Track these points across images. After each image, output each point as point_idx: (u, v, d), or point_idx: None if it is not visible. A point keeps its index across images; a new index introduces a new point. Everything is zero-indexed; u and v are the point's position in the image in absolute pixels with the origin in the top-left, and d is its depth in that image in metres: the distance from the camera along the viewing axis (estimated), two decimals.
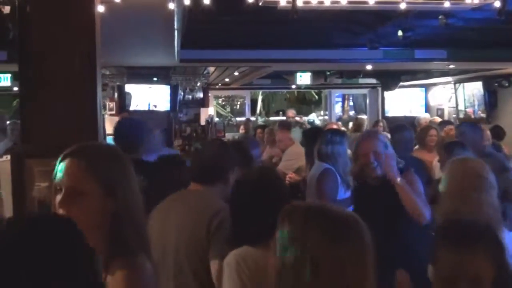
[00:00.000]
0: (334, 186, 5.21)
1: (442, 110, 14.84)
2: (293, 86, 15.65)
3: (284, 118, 19.61)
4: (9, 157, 4.03)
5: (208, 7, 4.96)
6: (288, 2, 4.79)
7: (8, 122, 12.88)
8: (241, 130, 14.98)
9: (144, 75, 12.74)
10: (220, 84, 16.14)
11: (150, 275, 1.93)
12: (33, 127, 3.83)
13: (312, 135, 6.56)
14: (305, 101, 25.36)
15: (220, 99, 22.73)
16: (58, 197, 2.01)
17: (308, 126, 12.55)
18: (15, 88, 14.81)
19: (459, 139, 5.99)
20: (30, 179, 3.71)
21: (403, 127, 6.50)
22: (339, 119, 17.98)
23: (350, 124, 14.84)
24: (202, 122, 14.13)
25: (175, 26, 6.51)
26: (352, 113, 19.24)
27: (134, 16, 5.83)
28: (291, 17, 4.73)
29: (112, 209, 1.95)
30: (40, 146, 3.71)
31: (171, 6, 4.71)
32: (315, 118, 20.83)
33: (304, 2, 4.87)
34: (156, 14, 5.69)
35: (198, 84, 14.11)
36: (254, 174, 3.05)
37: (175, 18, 5.91)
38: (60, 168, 2.06)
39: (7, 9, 4.62)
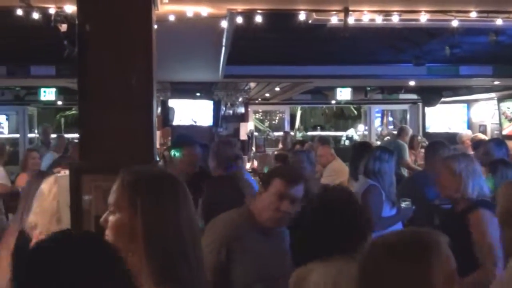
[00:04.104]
0: (379, 203, 5.20)
1: (485, 126, 14.63)
2: (333, 102, 15.64)
3: (322, 133, 19.59)
4: (67, 172, 4.12)
5: (258, 25, 5.03)
6: (339, 20, 4.83)
7: (52, 136, 13.18)
8: (280, 145, 15.00)
9: (187, 90, 12.89)
10: (260, 99, 16.23)
11: None
12: (90, 143, 3.91)
13: (361, 149, 6.57)
14: (343, 116, 25.28)
15: (258, 114, 22.84)
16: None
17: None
18: (59, 102, 15.14)
19: (485, 156, 5.99)
20: (87, 195, 3.79)
21: (441, 144, 6.43)
22: (380, 134, 17.89)
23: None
24: (242, 136, 14.20)
25: (223, 43, 6.61)
26: (391, 127, 19.13)
27: (184, 33, 5.94)
28: (343, 35, 4.76)
29: (142, 232, 1.97)
30: (98, 162, 3.79)
31: (224, 24, 4.79)
32: (354, 133, 20.74)
33: (356, 20, 4.91)
34: (207, 32, 5.79)
35: (239, 99, 14.21)
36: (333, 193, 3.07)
37: (225, 36, 6.00)
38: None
39: (64, 27, 4.75)
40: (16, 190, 7.84)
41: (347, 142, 19.07)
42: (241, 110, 15.73)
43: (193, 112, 13.21)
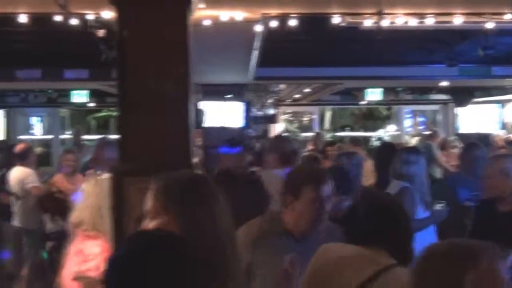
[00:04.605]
0: (412, 205, 5.15)
1: None
2: (363, 102, 15.60)
3: (351, 134, 19.53)
4: (107, 175, 4.20)
5: (291, 28, 5.06)
6: (373, 23, 4.85)
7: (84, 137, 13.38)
8: (310, 146, 14.97)
9: (218, 92, 12.96)
10: (289, 100, 16.26)
11: None
12: (130, 146, 3.98)
13: (386, 151, 6.50)
14: (372, 117, 25.13)
15: (287, 115, 22.84)
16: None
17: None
18: (91, 104, 15.38)
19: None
20: (128, 197, 3.86)
21: (474, 145, 6.37)
22: (411, 135, 17.78)
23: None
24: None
25: (255, 46, 6.66)
26: (421, 128, 19.00)
27: (216, 36, 6.00)
28: (376, 38, 4.78)
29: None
30: (137, 165, 3.87)
31: (258, 28, 4.84)
32: (383, 134, 20.64)
33: (390, 23, 4.92)
34: (239, 35, 5.85)
35: (269, 100, 14.25)
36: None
37: (257, 39, 6.05)
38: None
39: (101, 32, 4.85)
40: (50, 191, 7.93)
41: (377, 143, 18.98)
42: (271, 111, 15.76)
43: (223, 114, 13.28)
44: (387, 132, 20.73)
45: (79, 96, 14.22)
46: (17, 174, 7.80)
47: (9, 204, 7.87)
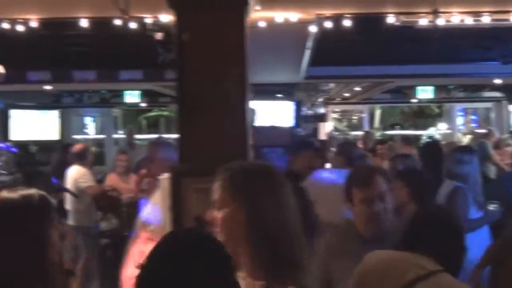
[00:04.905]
0: (465, 205, 5.10)
1: None
2: (414, 100, 15.45)
3: (401, 132, 19.30)
4: (167, 175, 4.31)
5: (345, 28, 5.09)
6: (429, 22, 4.84)
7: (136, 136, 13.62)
8: (360, 144, 14.88)
9: (268, 91, 13.00)
10: (338, 99, 16.23)
11: None
12: (189, 146, 4.09)
13: (432, 150, 6.41)
14: (423, 115, 24.79)
15: (336, 114, 22.74)
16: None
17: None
18: (143, 104, 15.67)
19: None
20: (187, 196, 3.96)
21: None
22: (463, 133, 17.50)
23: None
24: (321, 137, 14.20)
25: (307, 46, 6.71)
26: (473, 125, 18.68)
27: (269, 37, 6.07)
28: (430, 36, 4.77)
29: (246, 223, 2.05)
30: (196, 165, 3.96)
31: (312, 29, 4.88)
32: (434, 132, 20.35)
33: (446, 21, 4.90)
34: (292, 35, 5.91)
35: (319, 99, 14.24)
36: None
37: (310, 39, 6.10)
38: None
39: (159, 35, 4.97)
40: (105, 190, 8.11)
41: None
42: (320, 110, 15.74)
43: (273, 113, 13.30)
44: (438, 130, 20.43)
45: (132, 96, 14.52)
46: (73, 173, 7.99)
47: (63, 202, 8.06)
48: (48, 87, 12.32)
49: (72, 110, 16.22)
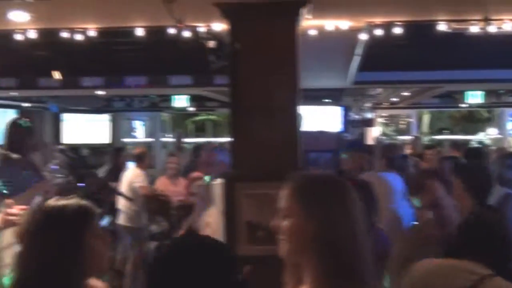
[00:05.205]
0: None
1: None
2: (463, 105, 15.23)
3: (450, 137, 19.00)
4: (219, 180, 4.43)
5: (396, 35, 5.12)
6: (480, 29, 4.84)
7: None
8: (409, 149, 14.73)
9: (315, 96, 13.02)
10: (386, 104, 16.13)
11: None
12: (241, 152, 4.18)
13: (476, 155, 6.33)
14: (473, 119, 24.38)
15: (383, 118, 22.55)
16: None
17: None
18: (190, 109, 15.89)
19: None
20: (239, 202, 4.06)
21: None
22: None
23: None
24: (368, 141, 14.12)
25: (356, 52, 6.74)
26: None
27: (319, 44, 6.12)
28: (480, 42, 4.76)
29: (314, 234, 2.02)
30: (249, 170, 4.06)
31: (363, 37, 4.93)
32: (484, 137, 20.00)
33: (497, 28, 4.88)
34: (342, 42, 5.95)
35: (366, 104, 14.19)
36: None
37: (359, 46, 6.13)
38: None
39: (212, 43, 5.09)
40: (156, 193, 8.26)
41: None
42: (368, 115, 15.67)
43: (321, 118, 13.30)
44: (488, 135, 20.08)
45: (180, 101, 14.74)
46: (130, 174, 8.28)
47: (114, 203, 8.29)
48: (100, 92, 12.61)
49: (122, 114, 16.56)
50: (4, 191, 4.24)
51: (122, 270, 7.94)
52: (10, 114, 9.37)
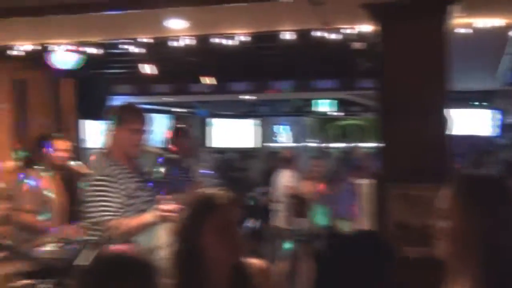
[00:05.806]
0: None
1: None
2: None
3: None
4: (366, 180, 4.49)
5: None
6: None
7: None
8: None
9: (463, 99, 12.58)
10: None
11: None
12: (392, 153, 4.20)
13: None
14: None
15: None
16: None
17: None
18: (333, 113, 15.91)
19: None
20: (388, 202, 4.09)
21: None
22: None
23: None
24: None
25: (507, 51, 6.49)
26: None
27: (467, 43, 5.96)
28: None
29: (476, 238, 1.92)
30: (399, 171, 4.07)
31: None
32: None
33: None
34: (492, 41, 5.76)
35: None
36: None
37: (509, 44, 5.90)
38: None
39: (358, 45, 5.14)
40: (297, 194, 8.43)
41: None
42: None
43: (469, 122, 12.82)
44: None
45: (323, 105, 14.83)
46: (282, 176, 8.72)
47: (268, 205, 8.68)
48: (246, 97, 13.00)
49: (267, 118, 16.91)
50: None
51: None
52: (164, 120, 9.91)
